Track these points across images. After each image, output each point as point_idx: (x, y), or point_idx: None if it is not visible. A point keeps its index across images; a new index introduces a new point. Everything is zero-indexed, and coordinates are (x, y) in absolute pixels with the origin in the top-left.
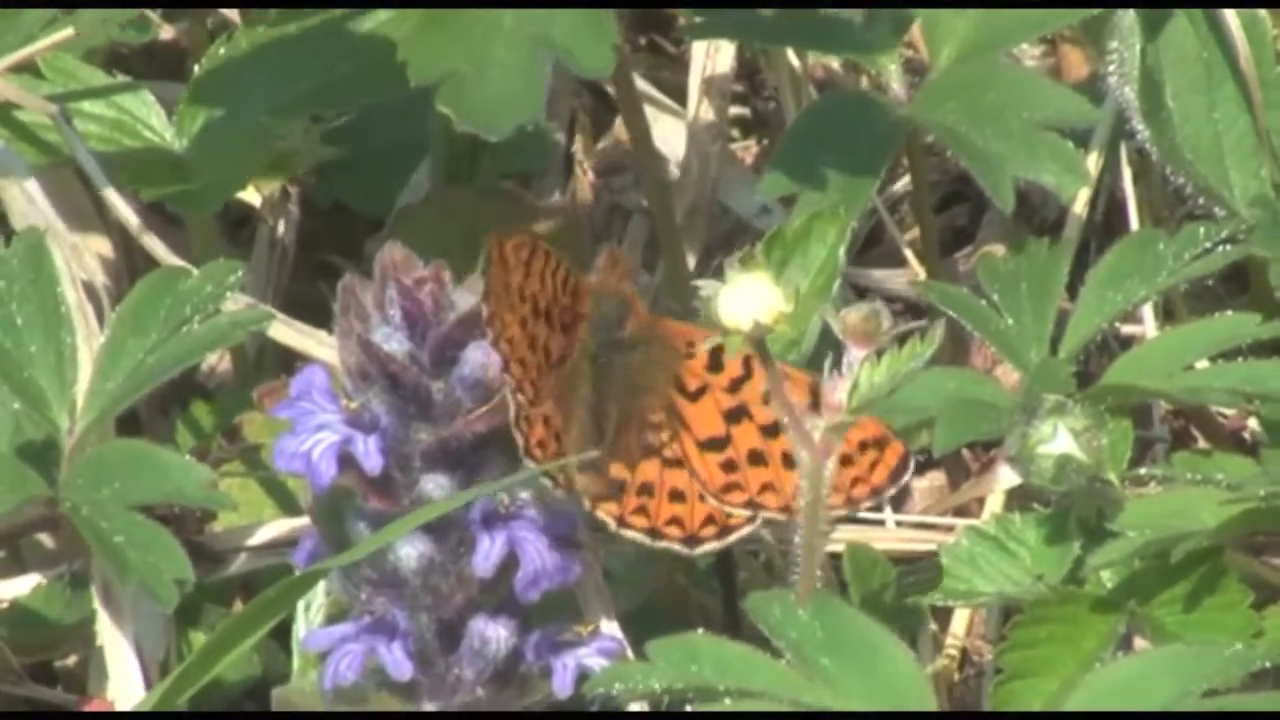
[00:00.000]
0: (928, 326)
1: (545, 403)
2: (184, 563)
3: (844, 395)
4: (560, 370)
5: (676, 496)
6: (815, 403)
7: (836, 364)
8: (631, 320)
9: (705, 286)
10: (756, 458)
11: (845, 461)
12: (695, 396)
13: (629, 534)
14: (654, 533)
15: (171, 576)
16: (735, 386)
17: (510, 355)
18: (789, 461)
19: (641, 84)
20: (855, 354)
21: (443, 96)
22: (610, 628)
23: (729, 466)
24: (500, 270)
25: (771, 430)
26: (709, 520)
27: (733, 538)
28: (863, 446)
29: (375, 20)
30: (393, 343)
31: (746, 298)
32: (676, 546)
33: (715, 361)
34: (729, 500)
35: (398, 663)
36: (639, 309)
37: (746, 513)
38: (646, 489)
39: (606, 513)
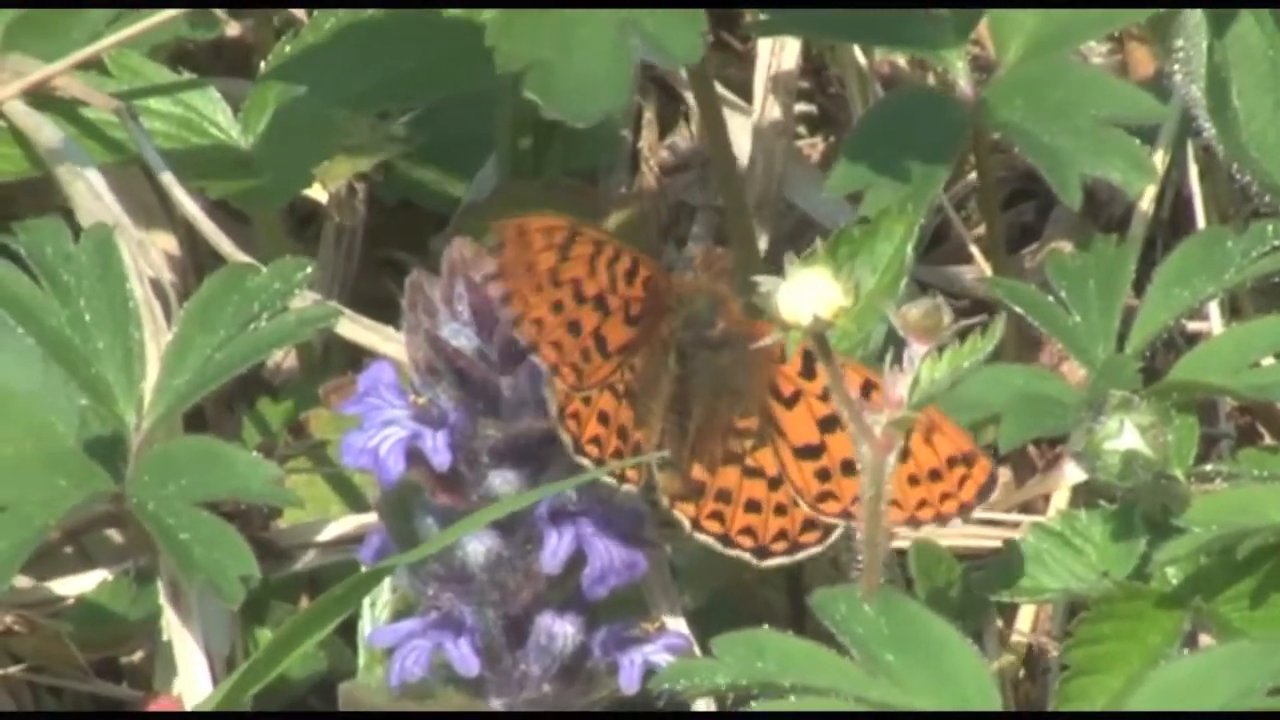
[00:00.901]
0: (989, 321)
1: (603, 395)
2: (249, 559)
3: (905, 390)
4: (633, 363)
5: (752, 507)
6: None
7: (898, 359)
8: (723, 320)
9: (765, 282)
10: (850, 468)
11: (934, 477)
12: (790, 403)
13: (702, 537)
14: (727, 539)
15: (237, 573)
16: (828, 394)
17: (540, 338)
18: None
19: None
20: (916, 349)
21: (530, 83)
22: (677, 624)
23: (824, 475)
24: (519, 251)
25: None
26: (781, 535)
27: (801, 555)
28: (951, 462)
29: (454, 11)
30: (461, 338)
31: (806, 293)
32: (747, 556)
33: (808, 368)
34: (824, 510)
35: (464, 659)
36: (733, 309)
37: (839, 522)
38: (724, 495)
39: (683, 512)
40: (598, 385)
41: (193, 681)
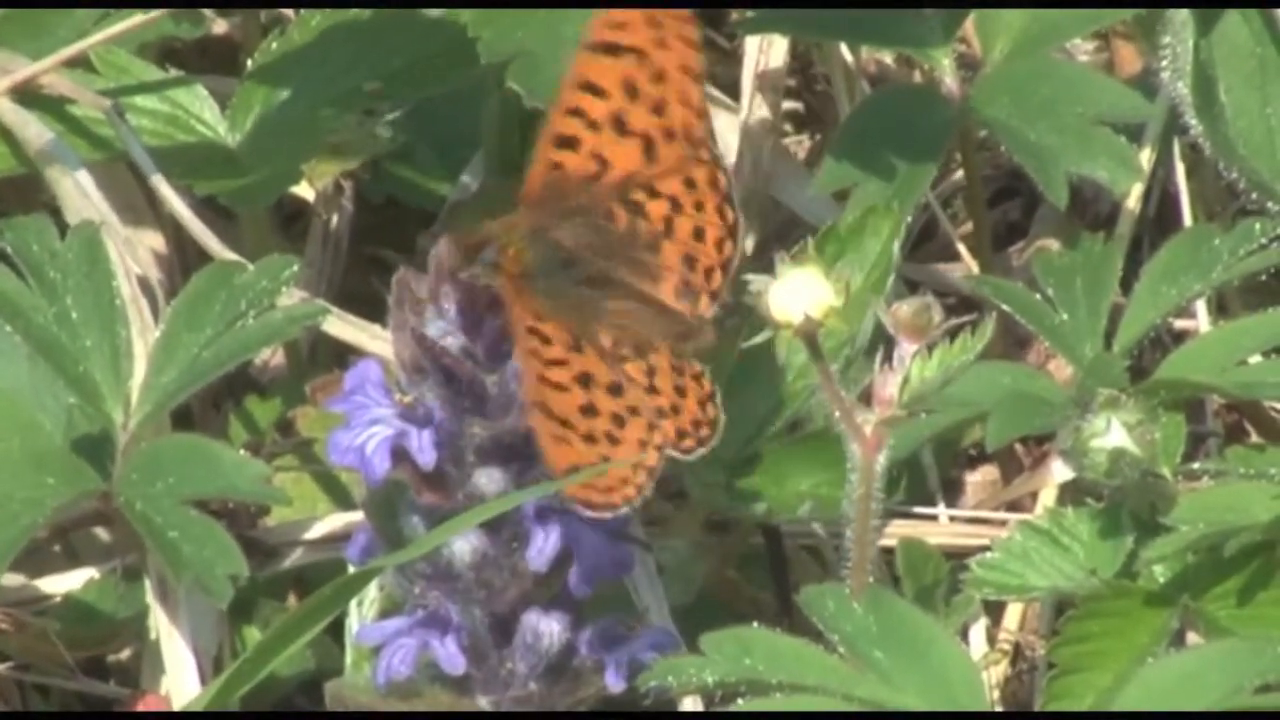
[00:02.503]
0: (979, 321)
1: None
2: (238, 557)
3: (895, 389)
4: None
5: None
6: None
7: (888, 358)
8: None
9: (755, 281)
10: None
11: None
12: None
13: None
14: None
15: (225, 571)
16: None
17: None
18: None
19: None
20: (907, 348)
21: (513, 73)
22: (663, 622)
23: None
24: None
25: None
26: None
27: None
28: None
29: (439, 10)
30: (447, 337)
31: (796, 292)
32: None
33: None
34: None
35: (451, 657)
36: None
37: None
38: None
39: None
40: None
41: (180, 680)
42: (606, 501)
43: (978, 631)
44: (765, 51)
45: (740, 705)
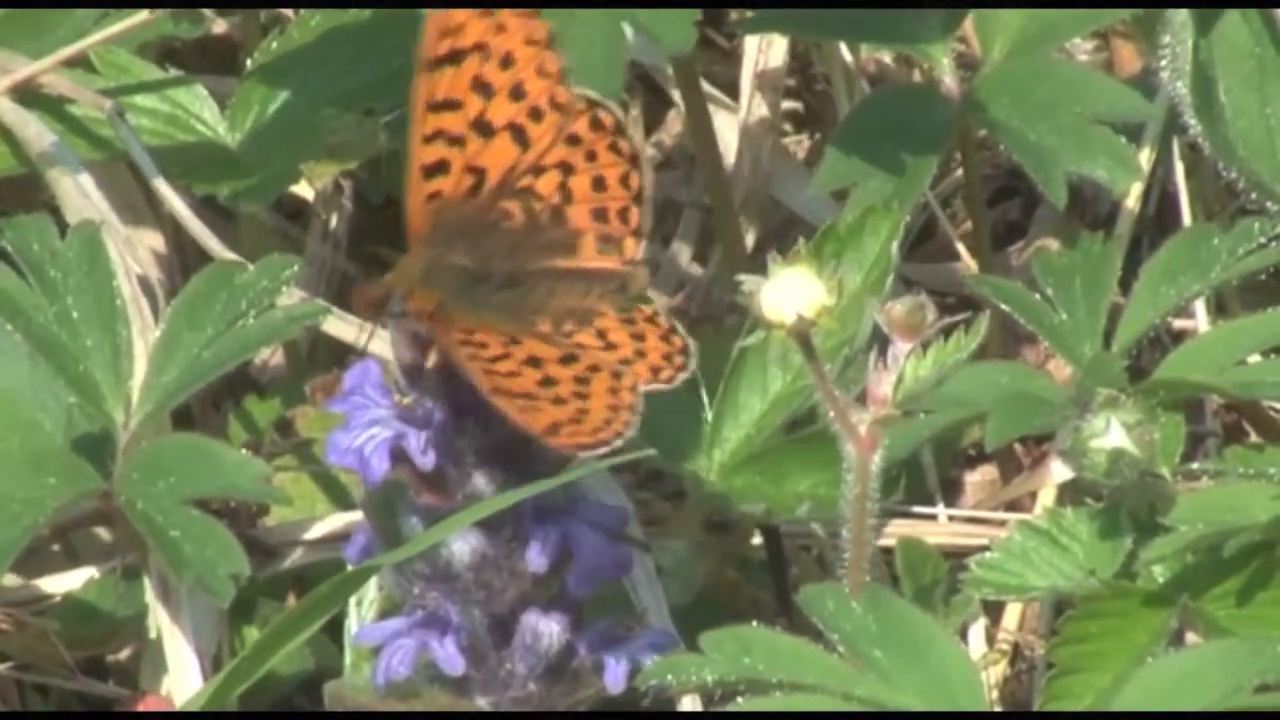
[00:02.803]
0: (973, 319)
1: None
2: (239, 556)
3: (889, 388)
4: None
5: None
6: None
7: (882, 357)
8: None
9: (748, 281)
10: None
11: None
12: None
13: None
14: None
15: (226, 571)
16: None
17: None
18: None
19: None
20: (901, 347)
21: None
22: (663, 621)
23: None
24: None
25: None
26: None
27: None
28: None
29: None
30: None
31: (789, 292)
32: None
33: None
34: None
35: (450, 657)
36: None
37: None
38: None
39: None
40: None
41: (182, 679)
42: (597, 440)
43: (977, 631)
44: (764, 51)
45: (739, 705)
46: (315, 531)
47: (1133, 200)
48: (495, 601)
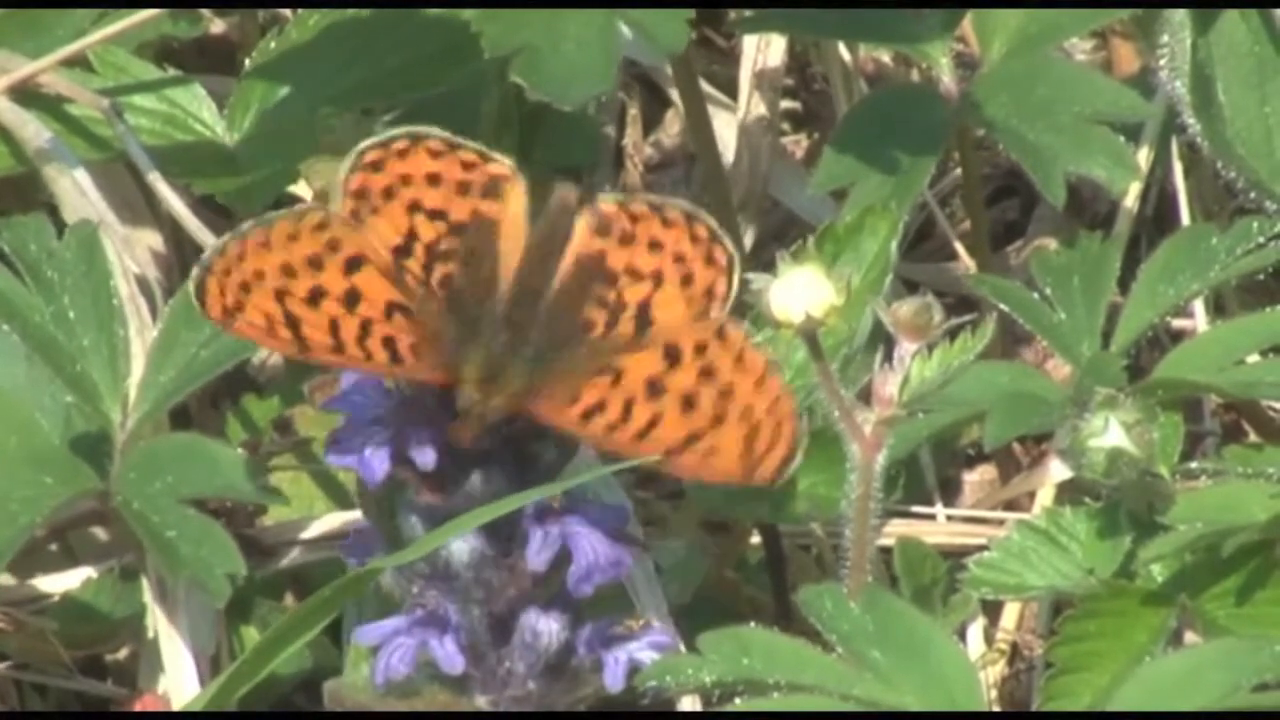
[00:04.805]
0: (979, 320)
1: None
2: (236, 556)
3: (895, 389)
4: None
5: None
6: None
7: (888, 358)
8: None
9: (756, 279)
10: None
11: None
12: None
13: None
14: None
15: (223, 570)
16: None
17: None
18: None
19: None
20: (906, 348)
21: (517, 67)
22: (661, 622)
23: None
24: None
25: None
26: None
27: None
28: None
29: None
30: None
31: (798, 291)
32: None
33: None
34: None
35: (449, 656)
36: None
37: None
38: None
39: None
40: None
41: (179, 679)
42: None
43: (975, 631)
44: (763, 51)
45: (738, 705)
46: (313, 531)
47: (1131, 200)
48: (494, 600)
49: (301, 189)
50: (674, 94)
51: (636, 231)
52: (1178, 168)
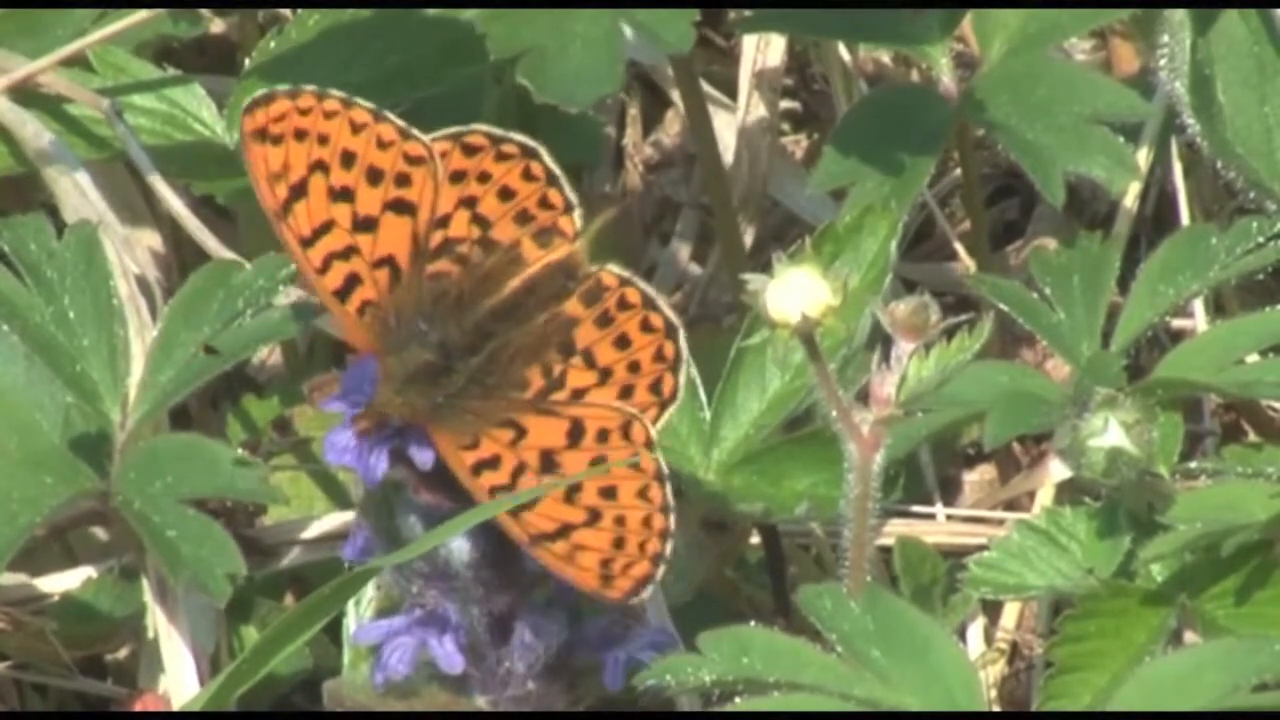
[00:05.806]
0: (976, 320)
1: None
2: (236, 556)
3: (893, 389)
4: None
5: None
6: None
7: (885, 357)
8: None
9: (753, 280)
10: None
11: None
12: None
13: None
14: None
15: (223, 570)
16: None
17: None
18: None
19: None
20: (904, 347)
21: (523, 69)
22: (661, 621)
23: None
24: None
25: None
26: None
27: None
28: None
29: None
30: None
31: (794, 291)
32: None
33: None
34: None
35: (449, 656)
36: None
37: None
38: None
39: None
40: None
41: (179, 679)
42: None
43: (975, 631)
44: (763, 51)
45: (738, 704)
46: (313, 531)
47: (1131, 199)
48: (494, 600)
49: None
50: (674, 94)
51: (618, 319)
52: (1177, 168)
